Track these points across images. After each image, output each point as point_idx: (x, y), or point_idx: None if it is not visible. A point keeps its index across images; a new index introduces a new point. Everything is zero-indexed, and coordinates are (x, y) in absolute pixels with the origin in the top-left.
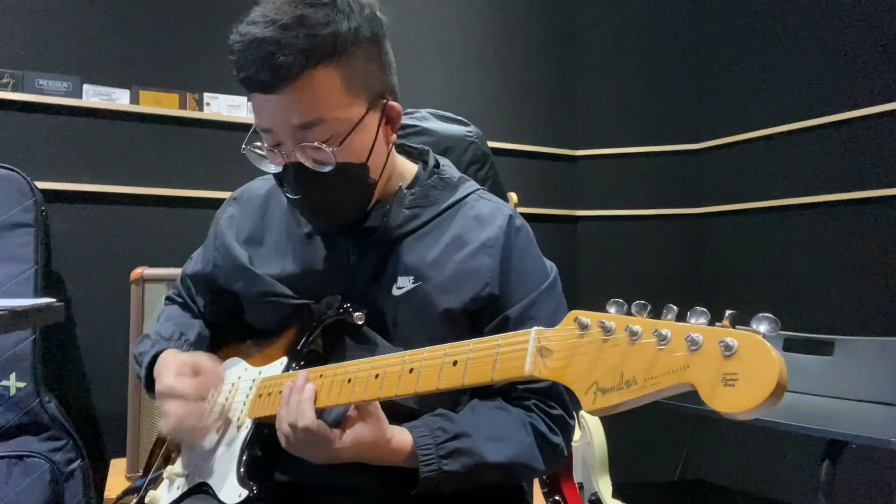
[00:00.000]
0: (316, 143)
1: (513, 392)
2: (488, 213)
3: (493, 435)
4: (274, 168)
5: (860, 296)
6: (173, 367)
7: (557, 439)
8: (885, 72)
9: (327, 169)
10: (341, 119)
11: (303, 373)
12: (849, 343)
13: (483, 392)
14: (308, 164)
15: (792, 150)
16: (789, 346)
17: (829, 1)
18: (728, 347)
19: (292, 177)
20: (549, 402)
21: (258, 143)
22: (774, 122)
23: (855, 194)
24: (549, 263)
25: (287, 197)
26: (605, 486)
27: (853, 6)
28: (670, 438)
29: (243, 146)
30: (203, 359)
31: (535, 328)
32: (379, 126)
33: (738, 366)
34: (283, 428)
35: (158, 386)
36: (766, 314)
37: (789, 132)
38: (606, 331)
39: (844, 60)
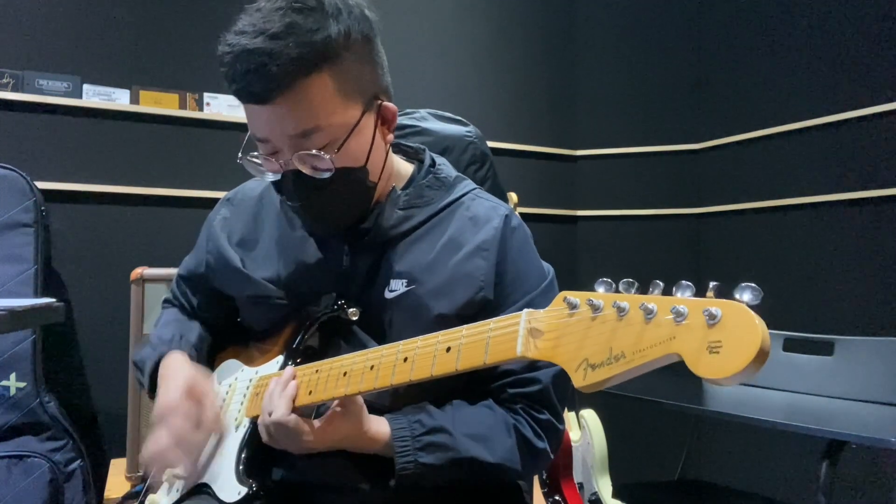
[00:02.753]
0: (314, 151)
1: (502, 394)
2: (484, 213)
3: (473, 433)
4: (272, 176)
5: (860, 296)
6: (181, 385)
7: (542, 444)
8: (885, 72)
9: (326, 175)
10: (338, 124)
11: (290, 368)
12: (849, 343)
13: (472, 395)
14: (307, 171)
15: (792, 150)
16: (789, 346)
17: (830, 1)
18: (712, 317)
19: (291, 185)
20: (538, 407)
21: (254, 153)
22: (774, 122)
23: (854, 194)
24: (545, 265)
25: (288, 204)
26: (605, 486)
27: (853, 6)
28: (670, 438)
29: (239, 156)
30: (209, 392)
31: (525, 310)
32: (375, 128)
33: (722, 333)
34: (263, 418)
35: (162, 398)
36: (749, 283)
37: (789, 132)
38: (595, 308)
39: (844, 60)
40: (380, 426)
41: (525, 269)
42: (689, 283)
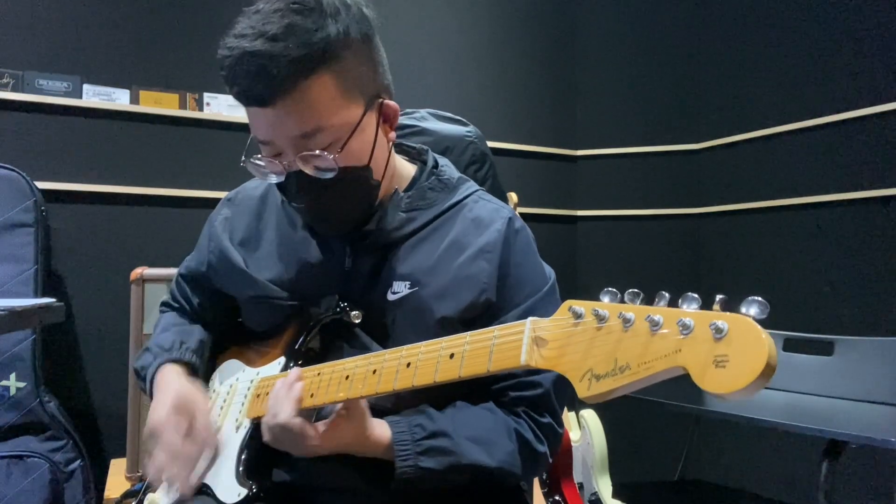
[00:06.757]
0: (317, 151)
1: (503, 398)
2: (487, 215)
3: (474, 436)
4: (275, 178)
5: (860, 296)
6: (170, 401)
7: (543, 448)
8: (884, 72)
9: (330, 175)
10: (340, 124)
11: (296, 369)
12: (849, 343)
13: (473, 398)
14: (310, 172)
15: (792, 150)
16: (789, 346)
17: (829, 1)
18: (719, 330)
19: (295, 186)
20: (539, 410)
21: (257, 155)
22: (774, 122)
23: (854, 194)
24: (547, 268)
25: (292, 206)
26: (605, 486)
27: (853, 7)
28: (670, 438)
29: (242, 159)
30: (200, 405)
31: (530, 318)
32: (378, 126)
33: (728, 348)
34: (267, 420)
35: (152, 416)
36: (756, 297)
37: (789, 132)
38: (600, 319)
39: (843, 61)
40: (382, 430)
41: (528, 272)
42: (696, 296)
